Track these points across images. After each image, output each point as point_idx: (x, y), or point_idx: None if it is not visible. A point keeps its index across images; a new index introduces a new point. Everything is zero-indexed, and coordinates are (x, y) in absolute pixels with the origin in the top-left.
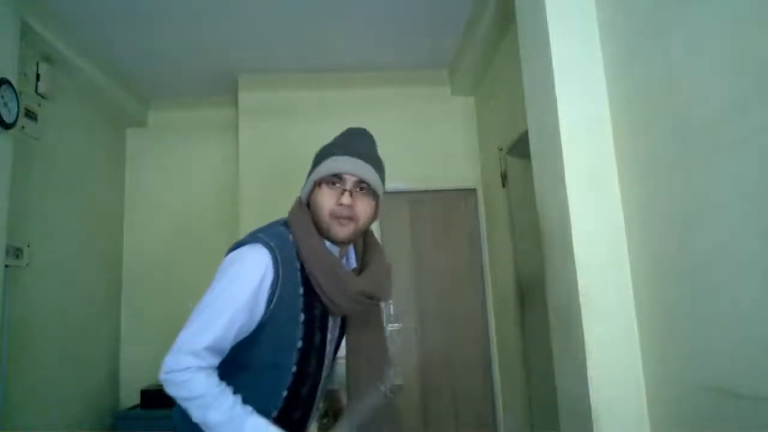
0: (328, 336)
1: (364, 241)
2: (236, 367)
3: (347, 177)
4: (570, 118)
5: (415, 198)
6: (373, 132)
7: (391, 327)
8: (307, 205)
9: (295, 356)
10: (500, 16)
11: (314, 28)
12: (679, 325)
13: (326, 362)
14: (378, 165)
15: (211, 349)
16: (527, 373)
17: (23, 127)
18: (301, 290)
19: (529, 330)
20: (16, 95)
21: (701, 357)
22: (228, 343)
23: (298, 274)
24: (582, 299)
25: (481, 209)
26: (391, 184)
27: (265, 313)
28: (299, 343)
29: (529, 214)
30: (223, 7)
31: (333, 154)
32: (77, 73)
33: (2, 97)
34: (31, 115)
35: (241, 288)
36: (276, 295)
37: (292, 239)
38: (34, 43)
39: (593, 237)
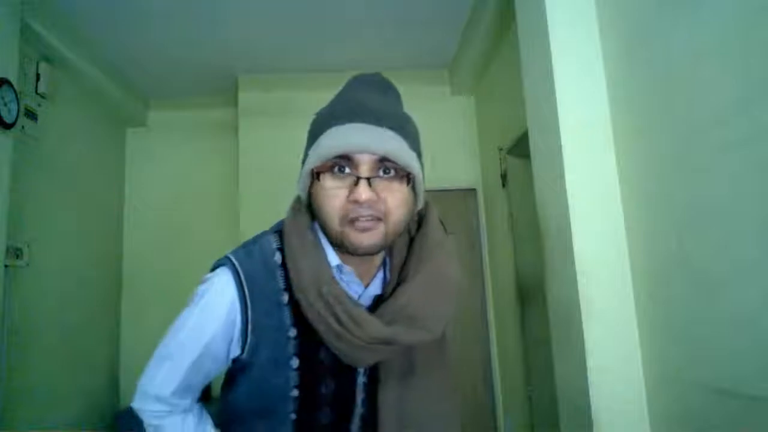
0: (359, 381)
1: (410, 240)
2: (227, 418)
3: (360, 157)
4: (570, 118)
5: None
6: None
7: None
8: (309, 204)
9: (292, 405)
10: (500, 16)
11: (314, 27)
12: (679, 325)
13: (362, 415)
14: (406, 127)
15: (179, 393)
16: (527, 373)
17: (23, 127)
18: (293, 332)
19: (529, 330)
20: (16, 95)
21: (701, 357)
22: (199, 383)
23: (286, 310)
24: (582, 299)
25: (481, 209)
26: None
27: (243, 355)
28: (294, 392)
29: (529, 214)
30: (224, 7)
31: (333, 123)
32: (77, 73)
33: (2, 97)
34: (31, 115)
35: (197, 336)
36: (248, 335)
37: (279, 259)
38: (34, 43)
39: (593, 237)
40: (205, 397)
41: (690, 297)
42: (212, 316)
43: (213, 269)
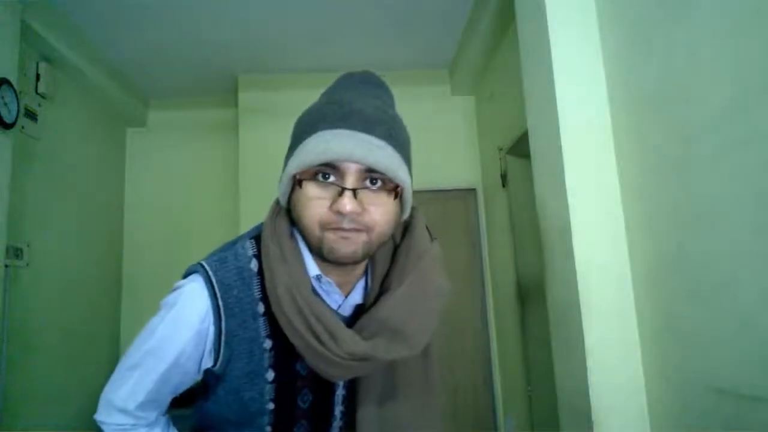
0: (338, 394)
1: (395, 248)
2: (201, 427)
3: (346, 166)
4: (570, 117)
5: (415, 198)
6: None
7: None
8: (288, 210)
9: (267, 418)
10: (500, 16)
11: (314, 27)
12: (679, 325)
13: (339, 424)
14: (396, 135)
15: (145, 406)
16: (527, 373)
17: (23, 127)
18: (269, 343)
19: (529, 330)
20: (16, 95)
21: (701, 357)
22: (166, 396)
23: (262, 321)
24: (582, 299)
25: (481, 209)
26: None
27: (216, 367)
28: (269, 405)
29: (529, 214)
30: (224, 7)
31: (319, 127)
32: (77, 73)
33: (2, 97)
34: (31, 115)
35: (166, 347)
36: (221, 347)
37: (256, 267)
38: (34, 43)
39: (593, 237)
40: (191, 400)
41: (690, 297)
42: (183, 326)
43: (185, 276)
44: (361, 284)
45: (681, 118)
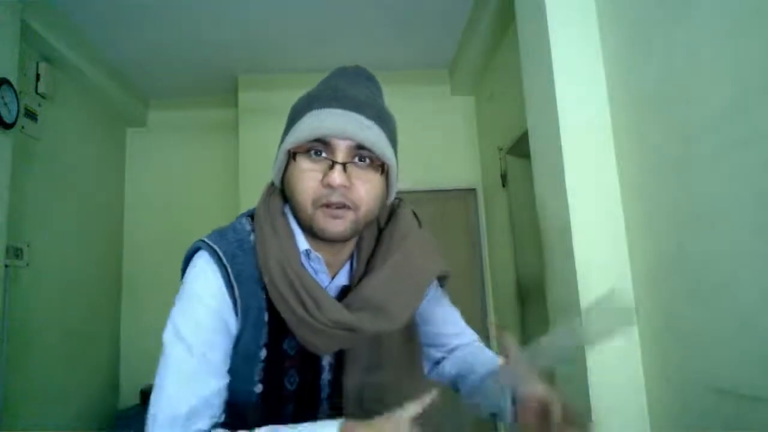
0: (324, 377)
1: (379, 230)
2: None
3: (337, 142)
4: (570, 118)
5: (415, 198)
6: None
7: None
8: (282, 189)
9: (255, 401)
10: (500, 16)
11: (314, 27)
12: (679, 325)
13: (327, 414)
14: (384, 118)
15: (195, 413)
16: None
17: (23, 127)
18: (266, 316)
19: (529, 330)
20: (16, 95)
21: (701, 357)
22: (215, 389)
23: (263, 293)
24: (582, 299)
25: (481, 209)
26: None
27: (236, 338)
28: (258, 387)
29: (529, 214)
30: (224, 6)
31: (313, 107)
32: (77, 73)
33: (2, 97)
34: (31, 115)
35: (203, 317)
36: (240, 316)
37: (253, 240)
38: (34, 43)
39: (593, 237)
40: None
41: (690, 297)
42: (207, 298)
43: (188, 257)
44: (346, 268)
45: (681, 118)
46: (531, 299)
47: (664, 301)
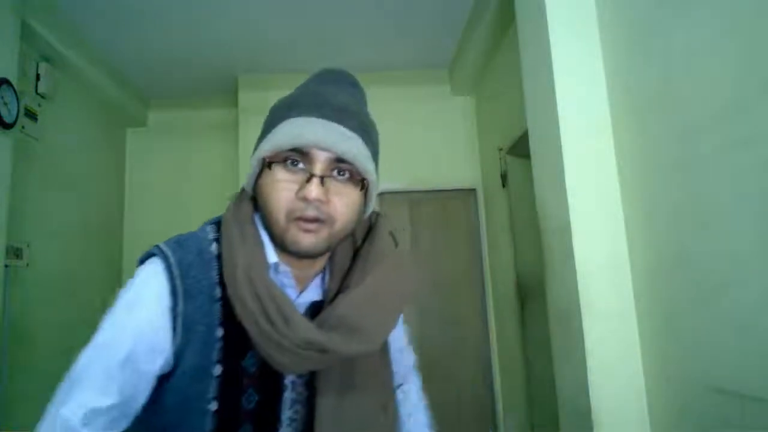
0: (286, 396)
1: (355, 247)
2: None
3: (316, 153)
4: (570, 118)
5: (415, 198)
6: None
7: None
8: (253, 198)
9: (209, 421)
10: (500, 16)
11: (314, 27)
12: (679, 325)
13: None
14: (368, 129)
15: (94, 420)
16: (527, 373)
17: (23, 127)
18: (220, 332)
19: (529, 330)
20: (16, 95)
21: (701, 357)
22: (119, 411)
23: (217, 306)
24: (582, 299)
25: (481, 209)
26: (390, 184)
27: (171, 359)
28: (212, 405)
29: (529, 214)
30: (224, 6)
31: (292, 114)
32: (77, 73)
33: (2, 97)
34: (31, 115)
35: (121, 335)
36: (179, 333)
37: (216, 250)
38: (34, 43)
39: (593, 237)
40: None
41: (690, 297)
42: (138, 309)
43: (141, 261)
44: (316, 282)
45: (681, 118)
46: (531, 299)
47: (664, 301)
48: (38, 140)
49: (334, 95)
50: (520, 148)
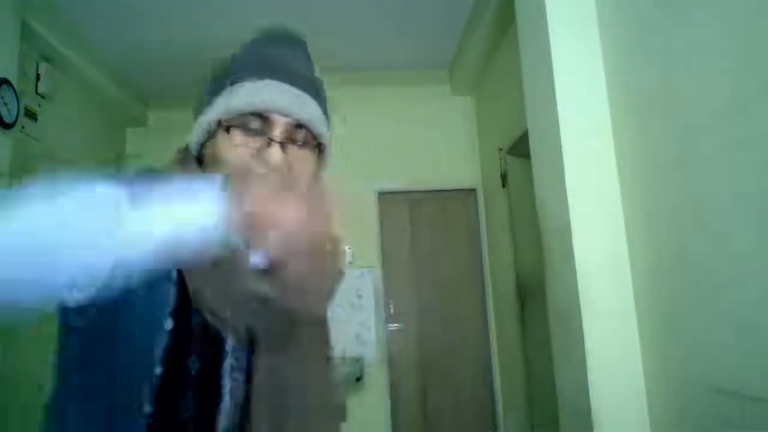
0: (226, 362)
1: None
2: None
3: (277, 118)
4: (570, 118)
5: (415, 198)
6: (373, 132)
7: (390, 327)
8: (198, 159)
9: (149, 388)
10: (500, 16)
11: (314, 27)
12: (679, 325)
13: (229, 408)
14: (319, 90)
15: None
16: (527, 373)
17: (23, 127)
18: (174, 274)
19: (529, 330)
20: (16, 95)
21: (701, 357)
22: None
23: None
24: (582, 299)
25: (481, 209)
26: (390, 184)
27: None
28: (157, 369)
29: (529, 214)
30: (224, 6)
31: (247, 76)
32: (77, 73)
33: (2, 97)
34: (31, 115)
35: None
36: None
37: None
38: (34, 43)
39: (593, 237)
40: None
41: (690, 297)
42: None
43: None
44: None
45: (681, 118)
46: (531, 299)
47: (664, 301)
48: (38, 140)
49: (287, 57)
50: (520, 148)
